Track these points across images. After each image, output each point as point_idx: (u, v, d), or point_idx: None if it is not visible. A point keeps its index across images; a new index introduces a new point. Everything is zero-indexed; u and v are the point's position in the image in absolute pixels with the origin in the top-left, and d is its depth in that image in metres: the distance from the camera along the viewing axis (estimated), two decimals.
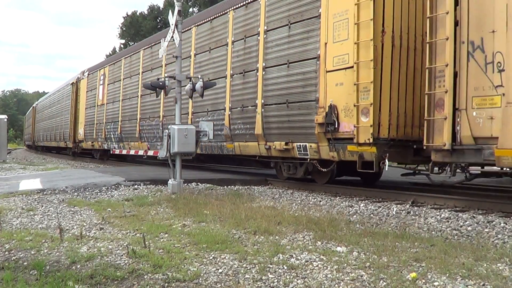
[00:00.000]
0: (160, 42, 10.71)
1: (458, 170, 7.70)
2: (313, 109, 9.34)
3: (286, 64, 10.07)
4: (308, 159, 9.73)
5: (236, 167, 15.39)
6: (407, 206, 7.70)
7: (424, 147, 7.65)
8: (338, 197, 9.05)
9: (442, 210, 7.23)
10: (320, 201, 8.64)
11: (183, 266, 4.34)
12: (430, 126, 7.53)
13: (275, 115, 10.32)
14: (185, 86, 10.10)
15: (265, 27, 10.72)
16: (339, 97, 8.76)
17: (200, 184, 10.75)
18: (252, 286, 3.90)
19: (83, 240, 5.37)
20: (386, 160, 8.09)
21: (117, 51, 54.04)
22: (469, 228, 6.12)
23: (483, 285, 3.83)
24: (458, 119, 7.14)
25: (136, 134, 17.18)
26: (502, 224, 6.14)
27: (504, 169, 7.11)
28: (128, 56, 18.95)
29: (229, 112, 11.75)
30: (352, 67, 8.48)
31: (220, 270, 4.26)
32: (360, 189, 9.52)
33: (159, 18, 52.52)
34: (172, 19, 9.85)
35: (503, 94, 6.59)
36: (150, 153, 16.03)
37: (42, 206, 7.83)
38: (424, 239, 5.52)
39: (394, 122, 8.48)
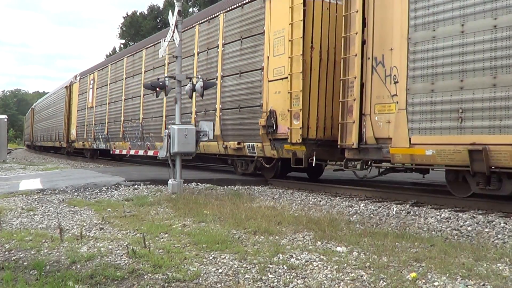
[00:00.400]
0: (142, 50, 13.41)
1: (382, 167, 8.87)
2: (258, 113, 10.76)
3: (238, 74, 11.59)
4: (256, 157, 11.17)
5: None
6: (407, 206, 7.70)
7: (339, 146, 9.02)
8: (338, 197, 9.05)
9: (442, 210, 7.23)
10: (320, 201, 8.64)
11: (183, 266, 4.34)
12: (343, 129, 8.90)
13: (230, 118, 11.77)
14: (185, 86, 10.09)
15: (223, 41, 12.22)
16: (278, 103, 10.21)
17: (200, 184, 10.75)
18: (252, 286, 3.90)
19: (83, 240, 5.37)
20: (314, 157, 9.59)
21: (117, 51, 54.08)
22: (469, 228, 6.12)
23: (483, 285, 3.83)
24: (364, 123, 8.51)
25: (120, 135, 18.89)
26: (502, 224, 6.14)
27: (415, 164, 8.04)
28: (114, 63, 20.49)
29: (195, 116, 13.37)
30: (287, 77, 9.92)
31: (220, 270, 4.26)
32: (360, 189, 9.53)
33: (159, 18, 52.54)
34: (172, 19, 9.85)
35: (397, 102, 7.94)
36: (150, 153, 16.14)
37: (42, 206, 7.83)
38: (424, 239, 5.52)
39: (321, 125, 9.96)
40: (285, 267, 4.31)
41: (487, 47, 6.84)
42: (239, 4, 11.69)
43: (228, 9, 12.18)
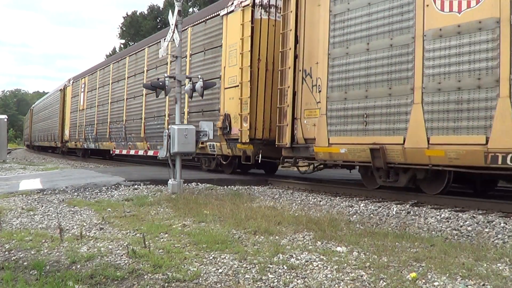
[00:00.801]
0: (125, 58, 15.89)
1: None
2: (217, 116, 12.26)
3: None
4: (216, 155, 12.73)
5: None
6: (407, 206, 7.70)
7: (276, 146, 10.50)
8: (338, 197, 9.05)
9: (442, 210, 7.22)
10: (320, 201, 8.64)
11: (183, 266, 4.34)
12: (280, 130, 10.47)
13: (196, 121, 12.60)
14: (184, 86, 10.10)
15: (191, 52, 13.73)
16: (231, 108, 11.73)
17: (200, 184, 10.75)
18: (252, 286, 3.90)
19: (83, 240, 5.37)
20: (260, 155, 11.14)
21: (117, 51, 54.06)
22: (469, 228, 6.12)
23: (483, 285, 3.82)
24: (296, 126, 10.05)
25: (107, 135, 20.58)
26: (502, 224, 6.14)
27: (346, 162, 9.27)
28: (102, 69, 22.15)
29: (168, 118, 14.92)
30: (238, 85, 11.48)
31: (220, 270, 4.26)
32: (360, 189, 9.53)
33: (159, 18, 52.52)
34: (172, 19, 9.86)
35: (320, 108, 9.38)
36: (150, 153, 16.22)
37: (42, 206, 7.83)
38: (424, 239, 5.52)
39: (267, 127, 11.44)
40: (285, 267, 4.31)
41: (385, 63, 8.22)
42: (203, 19, 13.36)
43: (194, 23, 13.76)
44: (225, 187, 10.55)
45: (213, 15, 12.90)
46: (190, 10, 45.37)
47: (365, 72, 8.50)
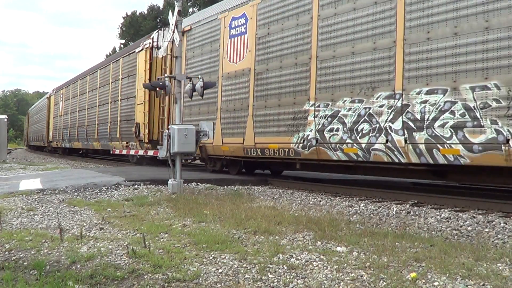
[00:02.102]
0: (86, 76, 24.45)
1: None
2: (133, 124, 17.09)
3: (126, 98, 18.38)
4: (134, 152, 17.24)
5: None
6: (407, 206, 7.71)
7: (158, 147, 11.85)
8: (338, 197, 9.05)
9: (442, 210, 7.23)
10: (320, 201, 8.65)
11: (183, 266, 4.34)
12: (161, 135, 13.45)
13: (122, 127, 18.61)
14: (182, 87, 10.10)
15: (121, 76, 19.13)
16: (140, 118, 16.45)
17: (200, 184, 10.75)
18: (252, 286, 3.90)
19: (83, 240, 5.37)
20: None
21: (117, 51, 54.05)
22: (469, 228, 6.12)
23: (483, 285, 3.83)
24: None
25: (75, 137, 25.92)
26: (502, 224, 6.14)
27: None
28: (73, 83, 27.70)
29: (109, 125, 20.35)
30: (143, 103, 16.24)
31: (220, 270, 4.26)
32: (360, 189, 9.53)
33: (159, 18, 52.53)
34: (172, 19, 9.86)
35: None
36: (150, 153, 16.26)
37: (42, 206, 7.83)
38: (424, 239, 5.52)
39: (159, 132, 15.36)
40: (285, 267, 4.31)
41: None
42: (127, 53, 18.98)
43: (124, 55, 19.42)
44: (225, 187, 10.55)
45: (132, 51, 18.20)
46: (190, 10, 45.37)
47: (197, 102, 12.70)
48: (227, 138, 12.05)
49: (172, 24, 9.83)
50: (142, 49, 16.70)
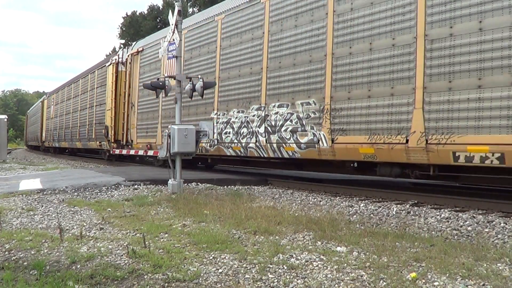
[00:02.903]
0: (71, 84, 28.16)
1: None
2: (104, 126, 19.91)
3: (99, 105, 21.52)
4: (105, 150, 20.51)
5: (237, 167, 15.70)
6: (407, 206, 7.71)
7: (121, 144, 17.19)
8: (338, 197, 9.05)
9: (442, 210, 7.23)
10: (320, 201, 8.65)
11: (183, 266, 4.34)
12: (122, 135, 18.35)
13: (96, 129, 21.74)
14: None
15: (96, 86, 22.44)
16: (109, 122, 19.33)
17: (200, 184, 10.75)
18: (252, 286, 3.90)
19: (83, 240, 5.37)
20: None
21: (117, 50, 54.00)
22: (469, 228, 6.12)
23: (483, 285, 3.83)
24: (128, 132, 18.34)
25: (63, 137, 29.09)
26: (502, 224, 6.14)
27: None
28: (61, 89, 31.36)
29: (89, 125, 23.42)
30: (110, 109, 19.14)
31: (220, 270, 4.26)
32: (360, 189, 9.54)
33: (159, 18, 52.49)
34: (172, 19, 9.87)
35: (135, 123, 17.38)
36: (150, 153, 16.22)
37: (42, 206, 7.83)
38: (424, 239, 5.52)
39: (123, 133, 18.63)
40: (285, 267, 4.31)
41: (152, 104, 15.98)
42: (101, 66, 22.02)
43: (98, 68, 22.51)
44: (225, 187, 10.55)
45: (104, 65, 21.23)
46: (190, 10, 45.34)
47: (147, 108, 16.20)
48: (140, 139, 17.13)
49: (172, 24, 9.83)
50: (110, 64, 19.53)
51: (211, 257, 4.64)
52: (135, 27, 53.46)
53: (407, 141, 7.84)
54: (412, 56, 7.94)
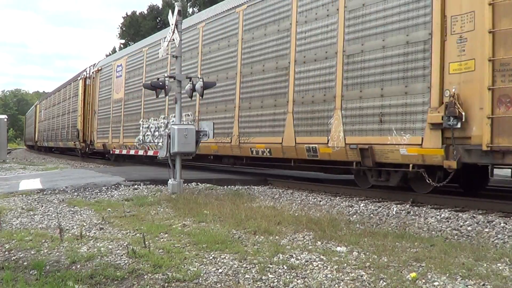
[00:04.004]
0: (56, 93, 33.15)
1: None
2: (76, 129, 24.21)
3: (74, 111, 25.28)
4: (78, 148, 24.56)
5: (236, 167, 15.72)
6: (407, 206, 7.70)
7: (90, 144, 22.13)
8: (338, 197, 9.05)
9: (442, 210, 7.23)
10: (320, 201, 8.64)
11: (183, 266, 4.34)
12: (88, 138, 23.51)
13: (72, 131, 25.35)
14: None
15: (71, 95, 26.46)
16: (80, 125, 23.56)
17: (200, 184, 10.75)
18: (252, 286, 3.90)
19: (83, 240, 5.37)
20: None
21: (117, 50, 54.01)
22: (469, 228, 6.12)
23: (483, 285, 3.83)
24: (92, 135, 22.76)
25: (50, 138, 33.51)
26: (502, 224, 6.14)
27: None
28: (49, 96, 36.52)
29: (67, 128, 27.51)
30: (80, 115, 23.60)
31: (220, 270, 4.26)
32: (360, 189, 9.53)
33: (159, 18, 52.48)
34: (172, 19, 9.87)
35: (96, 127, 22.10)
36: (150, 153, 16.28)
37: (42, 206, 7.83)
38: (424, 239, 5.52)
39: (88, 134, 22.77)
40: (285, 267, 4.31)
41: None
42: (76, 79, 25.96)
43: (74, 80, 26.64)
44: (225, 187, 10.55)
45: (77, 79, 25.48)
46: (190, 10, 45.34)
47: (104, 115, 18.99)
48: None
49: (172, 24, 9.83)
50: (80, 78, 24.54)
51: (211, 257, 4.64)
52: (135, 27, 53.45)
53: (231, 140, 11.95)
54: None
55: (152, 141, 15.76)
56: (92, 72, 22.74)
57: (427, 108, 7.46)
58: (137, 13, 55.04)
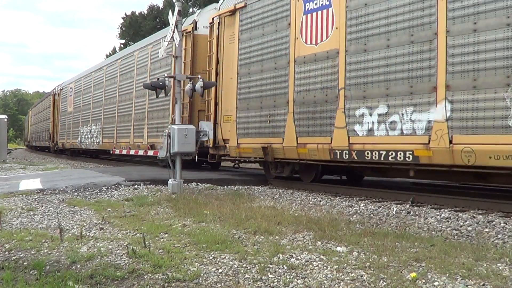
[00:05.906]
0: (45, 99, 39.23)
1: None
2: (48, 132, 32.03)
3: (49, 118, 31.62)
4: (51, 146, 31.72)
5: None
6: (407, 206, 7.70)
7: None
8: (338, 197, 9.05)
9: (442, 210, 7.22)
10: (320, 201, 8.64)
11: (183, 266, 4.35)
12: (57, 137, 31.59)
13: (47, 133, 32.27)
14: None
15: (48, 106, 32.56)
16: (51, 129, 31.78)
17: (200, 184, 10.75)
18: (252, 286, 3.90)
19: (83, 240, 5.37)
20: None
21: (117, 51, 54.02)
22: (469, 228, 6.12)
23: (483, 285, 3.83)
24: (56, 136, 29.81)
25: (40, 138, 38.17)
26: (502, 224, 6.14)
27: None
28: (39, 103, 42.35)
29: (45, 131, 33.78)
30: (51, 122, 31.40)
31: (220, 270, 4.26)
32: (360, 189, 9.53)
33: (159, 18, 52.47)
34: (172, 19, 9.87)
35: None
36: (150, 153, 16.25)
37: (42, 206, 7.83)
38: (424, 239, 5.52)
39: (55, 136, 31.10)
40: (285, 267, 4.31)
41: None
42: (49, 95, 32.71)
43: (48, 95, 32.74)
44: (225, 187, 10.55)
45: (50, 94, 31.33)
46: (190, 10, 45.34)
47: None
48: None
49: (172, 24, 9.83)
50: (52, 94, 31.60)
51: (211, 257, 4.64)
52: (135, 27, 53.43)
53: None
54: None
55: (85, 141, 23.41)
56: (58, 90, 30.63)
57: None
58: (137, 13, 55.04)
